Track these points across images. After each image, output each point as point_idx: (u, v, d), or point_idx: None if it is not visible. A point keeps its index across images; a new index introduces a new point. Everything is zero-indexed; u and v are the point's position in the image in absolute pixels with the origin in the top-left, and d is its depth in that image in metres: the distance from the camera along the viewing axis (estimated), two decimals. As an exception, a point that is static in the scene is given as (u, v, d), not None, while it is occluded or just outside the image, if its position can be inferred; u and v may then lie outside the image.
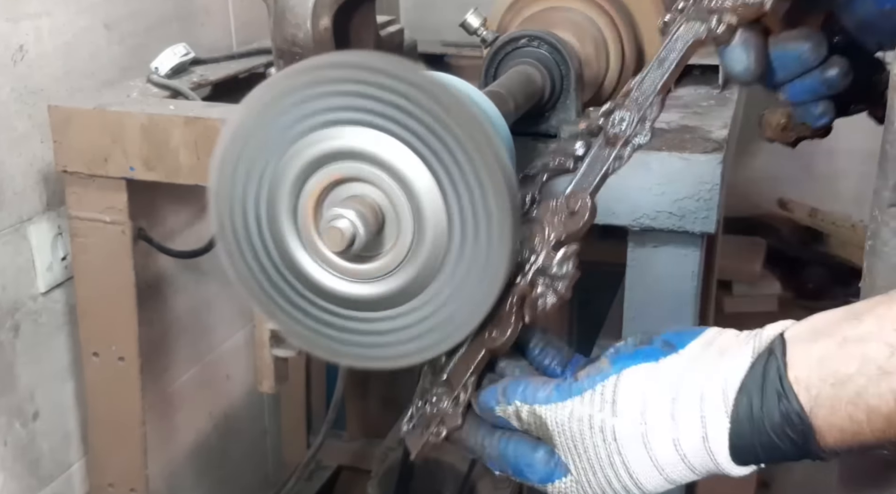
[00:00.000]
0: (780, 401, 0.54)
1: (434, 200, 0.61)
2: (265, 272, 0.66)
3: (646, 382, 0.59)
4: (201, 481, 1.85)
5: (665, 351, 0.60)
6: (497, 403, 0.64)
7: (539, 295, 0.65)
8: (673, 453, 0.57)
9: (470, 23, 1.21)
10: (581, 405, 0.60)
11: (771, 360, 0.56)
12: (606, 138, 0.69)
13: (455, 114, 0.59)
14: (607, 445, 0.59)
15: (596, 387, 0.60)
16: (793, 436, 0.54)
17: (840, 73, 0.73)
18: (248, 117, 0.63)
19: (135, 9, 1.50)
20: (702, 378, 0.57)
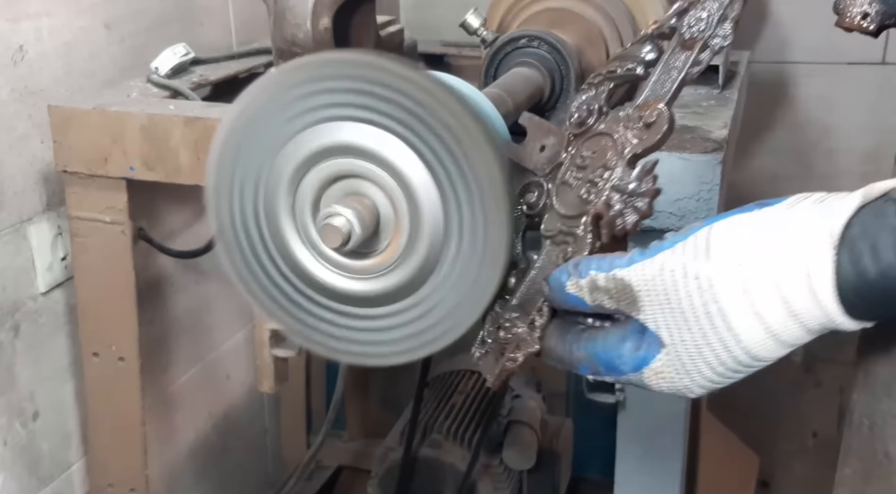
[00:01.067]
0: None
1: (431, 197, 0.61)
2: (265, 270, 0.66)
3: (740, 227, 0.54)
4: (201, 481, 1.85)
5: (757, 206, 0.55)
6: (568, 276, 0.59)
7: (617, 213, 0.60)
8: (775, 299, 0.52)
9: (470, 23, 1.21)
10: (672, 255, 0.55)
11: (889, 205, 0.51)
12: (682, 41, 0.63)
13: (453, 112, 0.59)
14: (702, 293, 0.53)
15: (687, 239, 0.55)
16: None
17: None
18: (244, 114, 0.63)
19: (135, 9, 1.50)
20: (804, 222, 0.52)
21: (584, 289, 0.58)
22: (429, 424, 1.73)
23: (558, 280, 0.60)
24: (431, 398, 1.81)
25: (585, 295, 0.59)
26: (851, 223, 0.51)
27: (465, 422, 1.74)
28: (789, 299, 0.51)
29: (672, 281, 0.54)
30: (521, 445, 1.71)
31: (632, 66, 0.65)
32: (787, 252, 0.51)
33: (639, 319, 0.57)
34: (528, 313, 0.64)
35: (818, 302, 0.51)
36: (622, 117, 0.63)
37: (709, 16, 0.63)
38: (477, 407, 1.78)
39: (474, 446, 1.69)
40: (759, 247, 0.52)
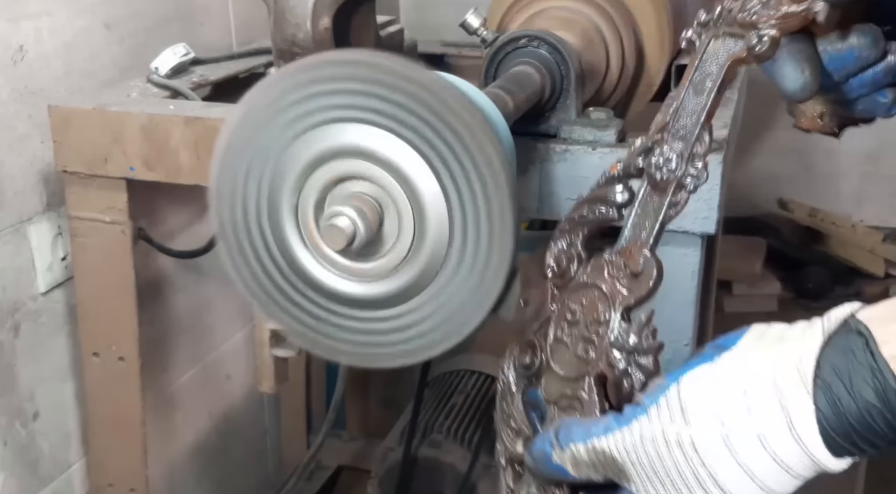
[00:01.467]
0: (875, 378, 0.49)
1: (435, 199, 0.61)
2: (266, 271, 0.66)
3: (708, 380, 0.54)
4: (201, 481, 1.85)
5: (717, 351, 0.55)
6: (551, 448, 0.58)
7: (622, 372, 0.58)
8: (761, 451, 0.52)
9: (470, 23, 1.21)
10: (649, 423, 0.54)
11: (853, 337, 0.51)
12: (653, 183, 0.62)
13: (457, 113, 0.59)
14: (688, 459, 0.53)
15: (659, 401, 0.55)
16: (888, 416, 0.49)
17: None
18: (248, 115, 0.63)
19: (135, 9, 1.50)
20: (769, 363, 0.52)
21: (568, 462, 0.57)
22: (429, 424, 1.73)
23: (542, 451, 0.59)
24: (431, 398, 1.81)
25: (569, 467, 0.57)
26: (820, 363, 0.51)
27: (465, 422, 1.74)
28: (776, 452, 0.51)
29: (655, 450, 0.54)
30: (521, 445, 1.71)
31: (604, 210, 0.64)
32: (764, 405, 0.51)
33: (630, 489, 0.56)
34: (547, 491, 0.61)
35: (805, 451, 0.51)
36: (605, 264, 0.61)
37: (677, 155, 0.61)
38: (477, 407, 1.78)
39: (474, 446, 1.69)
40: (735, 403, 0.52)
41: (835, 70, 0.66)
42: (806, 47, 0.64)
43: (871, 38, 0.64)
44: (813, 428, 0.50)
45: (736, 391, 0.52)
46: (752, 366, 0.53)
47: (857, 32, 0.64)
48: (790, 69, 0.64)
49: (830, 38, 0.64)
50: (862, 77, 0.66)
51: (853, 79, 0.66)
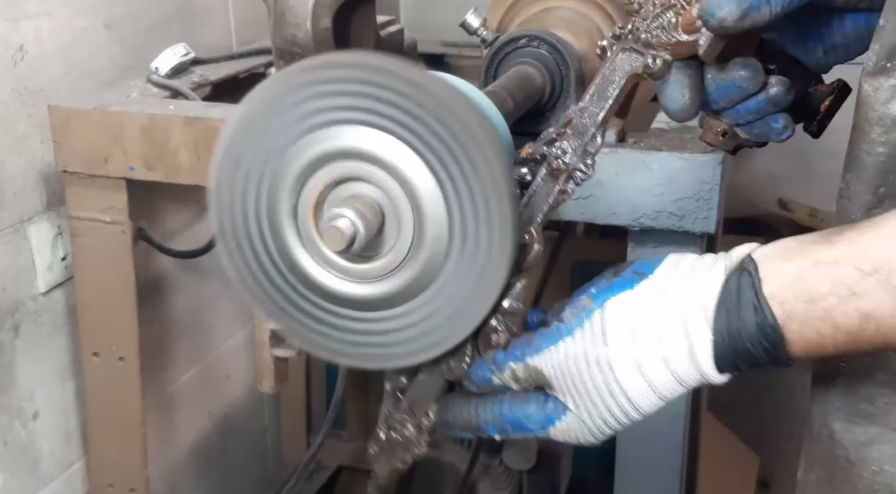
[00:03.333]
0: (757, 314, 0.59)
1: (435, 200, 0.61)
2: (265, 272, 0.66)
3: (628, 308, 0.62)
4: (201, 481, 1.85)
5: (637, 278, 0.63)
6: (491, 373, 0.66)
7: (492, 329, 0.65)
8: (664, 371, 0.61)
9: (470, 23, 1.21)
10: (573, 343, 0.62)
11: (744, 277, 0.60)
12: (550, 170, 0.68)
13: (456, 114, 0.59)
14: (604, 375, 0.61)
15: (584, 324, 0.62)
16: (766, 346, 0.59)
17: (784, 90, 0.72)
18: (248, 116, 0.63)
19: (135, 9, 1.50)
20: (680, 297, 0.61)
21: (509, 380, 0.65)
22: (429, 424, 1.73)
23: (483, 377, 0.66)
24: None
25: (511, 384, 0.66)
26: (720, 299, 0.60)
27: (465, 422, 1.74)
28: (676, 371, 0.61)
29: (577, 367, 0.62)
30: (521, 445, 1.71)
31: None
32: (673, 334, 0.60)
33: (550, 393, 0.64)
34: (416, 415, 0.68)
35: (699, 370, 0.61)
36: None
37: (573, 150, 0.68)
38: (477, 407, 1.78)
39: (474, 446, 1.69)
40: (647, 328, 0.61)
41: (720, 97, 0.72)
42: (693, 73, 0.71)
43: (752, 70, 0.70)
44: (708, 354, 0.60)
45: (651, 320, 0.61)
46: (666, 298, 0.61)
47: (739, 65, 0.70)
48: (674, 91, 0.70)
49: (717, 68, 0.71)
50: (747, 104, 0.73)
51: (740, 105, 0.73)
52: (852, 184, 0.67)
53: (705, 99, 0.72)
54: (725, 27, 0.63)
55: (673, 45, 0.68)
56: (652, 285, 0.62)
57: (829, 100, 0.76)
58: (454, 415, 0.68)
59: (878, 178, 0.64)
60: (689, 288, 0.61)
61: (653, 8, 0.69)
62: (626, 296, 0.62)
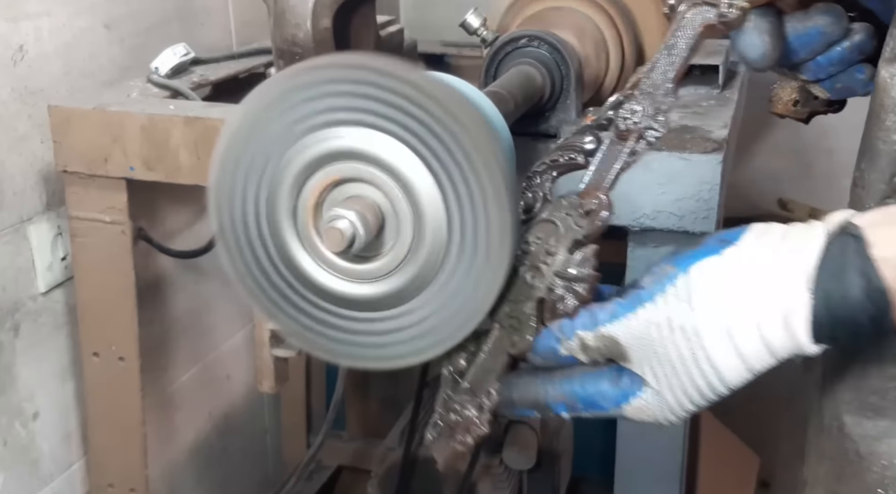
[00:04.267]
0: (863, 277, 0.55)
1: (434, 201, 0.61)
2: (265, 272, 0.66)
3: (717, 272, 0.58)
4: (201, 481, 1.85)
5: (724, 245, 0.59)
6: (557, 342, 0.62)
7: (558, 297, 0.63)
8: (757, 338, 0.57)
9: (470, 23, 1.21)
10: (655, 309, 0.59)
11: (848, 240, 0.56)
12: (618, 132, 0.66)
13: (455, 115, 0.59)
14: (689, 343, 0.57)
15: (667, 289, 0.59)
16: (872, 312, 0.55)
17: (867, 36, 0.68)
18: (247, 117, 0.63)
19: (135, 9, 1.50)
20: (775, 262, 0.57)
21: (577, 350, 0.61)
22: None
23: (548, 347, 0.63)
24: (431, 398, 1.81)
25: (578, 354, 0.62)
26: (820, 263, 0.56)
27: (465, 422, 1.73)
28: (769, 339, 0.56)
29: (659, 335, 0.58)
30: (521, 445, 1.71)
31: (573, 156, 0.68)
32: (766, 296, 0.56)
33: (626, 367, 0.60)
34: (477, 396, 0.65)
35: (794, 339, 0.56)
36: (565, 205, 0.65)
37: (643, 109, 0.66)
38: (477, 407, 1.77)
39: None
40: (738, 293, 0.57)
41: (801, 46, 0.69)
42: (772, 21, 0.67)
43: (834, 16, 0.67)
44: (806, 320, 0.56)
45: (742, 284, 0.56)
46: (759, 263, 0.57)
47: (820, 11, 0.67)
48: (753, 38, 0.67)
49: (797, 16, 0.68)
50: (829, 55, 0.69)
51: (821, 57, 0.69)
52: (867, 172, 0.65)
53: (785, 50, 0.68)
54: None
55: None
56: (741, 251, 0.58)
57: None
58: (520, 393, 0.64)
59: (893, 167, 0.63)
60: (785, 252, 0.57)
61: None
62: (714, 261, 0.58)
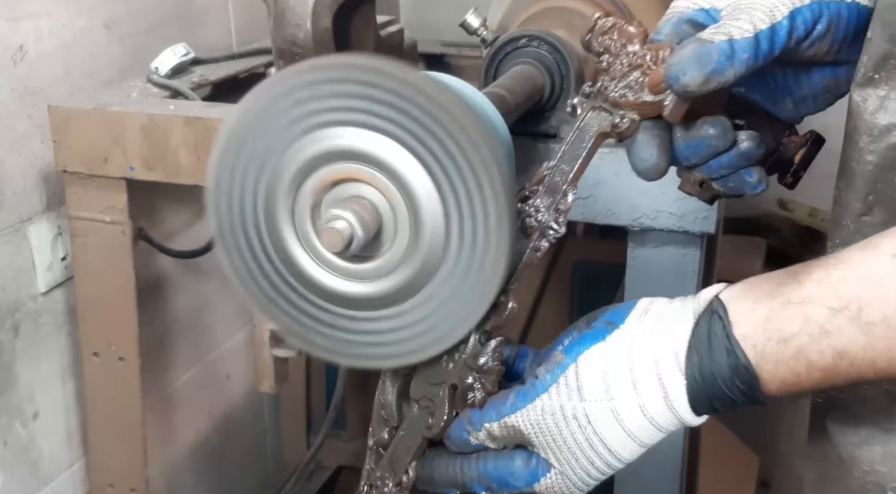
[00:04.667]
0: (729, 356, 0.59)
1: (431, 201, 0.61)
2: (264, 272, 0.66)
3: (601, 360, 0.62)
4: (201, 481, 1.85)
5: (609, 329, 0.64)
6: (468, 433, 0.66)
7: (468, 386, 0.66)
8: (641, 418, 0.62)
9: (470, 23, 1.21)
10: (549, 399, 0.63)
11: (714, 319, 0.61)
12: (522, 227, 0.68)
13: (454, 116, 0.59)
14: (583, 429, 0.62)
15: (559, 379, 0.63)
16: (741, 387, 0.60)
17: (754, 145, 0.70)
18: (245, 117, 0.63)
19: (135, 9, 1.50)
20: (651, 344, 0.61)
21: (486, 439, 0.66)
22: (429, 424, 1.73)
23: (461, 437, 0.67)
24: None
25: (489, 442, 0.66)
26: (691, 343, 0.61)
27: (465, 422, 1.73)
28: (654, 418, 0.62)
29: (555, 423, 0.63)
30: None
31: None
32: (646, 380, 0.61)
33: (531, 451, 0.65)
34: (397, 472, 0.69)
35: (677, 415, 0.61)
36: None
37: (545, 208, 0.68)
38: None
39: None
40: (621, 377, 0.62)
41: (691, 155, 0.70)
42: (661, 133, 0.69)
43: (720, 129, 0.69)
44: (683, 398, 0.61)
45: (623, 369, 0.62)
46: (637, 347, 0.62)
47: (707, 124, 0.69)
48: (642, 151, 0.69)
49: (685, 126, 0.69)
50: (719, 160, 0.71)
51: (712, 161, 0.71)
52: (843, 191, 0.67)
53: (675, 156, 0.71)
54: (689, 91, 0.62)
55: (640, 105, 0.67)
56: (623, 334, 0.63)
57: (802, 151, 0.75)
58: (439, 472, 0.68)
59: (867, 187, 0.65)
60: (660, 333, 0.62)
61: (621, 67, 0.68)
62: (599, 348, 0.63)
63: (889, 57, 0.62)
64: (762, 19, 0.63)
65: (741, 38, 0.62)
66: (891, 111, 0.63)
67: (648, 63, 0.67)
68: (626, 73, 0.68)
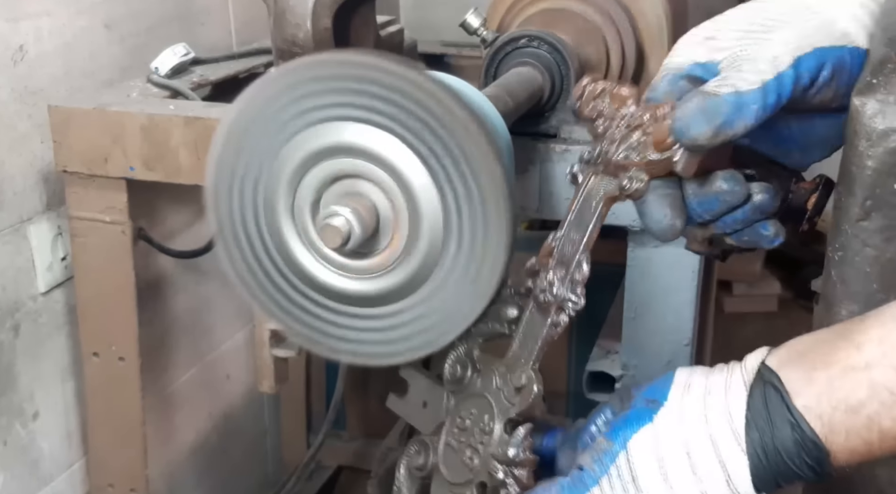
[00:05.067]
0: (794, 431, 0.55)
1: (431, 198, 0.61)
2: (264, 270, 0.66)
3: (654, 445, 0.58)
4: (201, 481, 1.85)
5: (653, 408, 0.59)
6: None
7: (500, 482, 0.62)
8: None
9: (470, 23, 1.21)
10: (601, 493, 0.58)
11: (769, 390, 0.56)
12: (538, 304, 0.66)
13: (454, 113, 0.59)
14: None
15: (610, 470, 0.58)
16: (809, 462, 0.55)
17: (769, 198, 0.69)
18: (244, 114, 0.63)
19: (135, 9, 1.50)
20: (705, 423, 0.57)
21: None
22: (429, 424, 1.73)
23: None
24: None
25: None
26: (748, 418, 0.56)
27: (465, 422, 1.73)
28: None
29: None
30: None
31: (497, 325, 0.68)
32: (706, 464, 0.56)
33: None
34: None
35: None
36: (496, 380, 0.65)
37: (559, 281, 0.65)
38: (477, 407, 1.77)
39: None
40: (678, 463, 0.57)
41: (704, 212, 0.69)
42: (672, 192, 0.67)
43: (734, 183, 0.67)
44: (747, 480, 0.56)
45: (680, 453, 0.57)
46: (690, 426, 0.57)
47: (720, 179, 0.67)
48: (655, 211, 0.67)
49: (697, 182, 0.67)
50: (733, 215, 0.69)
51: (726, 216, 0.69)
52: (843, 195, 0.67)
53: (690, 214, 0.69)
54: (699, 145, 0.61)
55: (646, 165, 0.64)
56: (671, 413, 0.58)
57: (814, 196, 0.73)
58: None
59: (866, 192, 0.65)
60: (712, 409, 0.57)
61: (618, 130, 0.67)
62: (648, 431, 0.58)
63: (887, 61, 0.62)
64: (766, 70, 0.61)
65: (748, 90, 0.60)
66: (889, 116, 0.62)
67: (648, 122, 0.65)
68: (626, 135, 0.66)
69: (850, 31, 0.65)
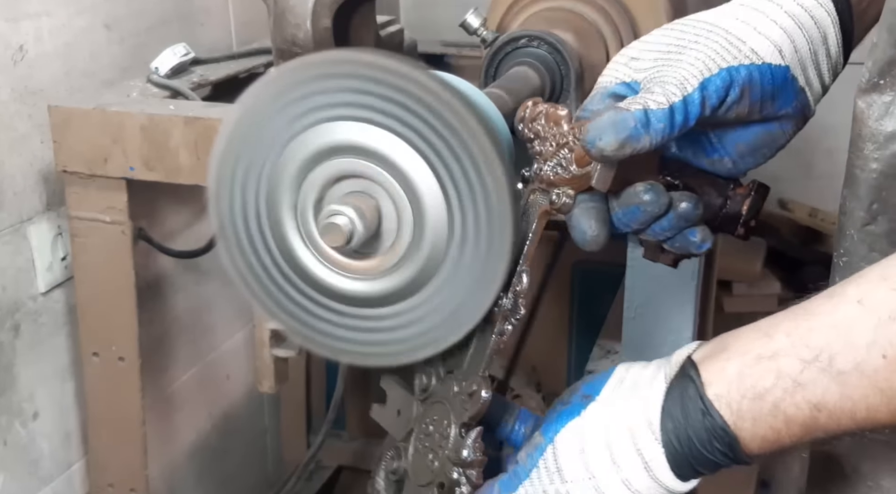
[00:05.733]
0: (705, 418, 0.58)
1: (434, 198, 0.61)
2: (265, 269, 0.66)
3: (578, 439, 0.61)
4: (201, 481, 1.85)
5: (584, 403, 0.62)
6: None
7: (455, 482, 0.65)
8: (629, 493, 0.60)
9: (470, 23, 1.21)
10: (532, 486, 0.62)
11: (686, 382, 0.59)
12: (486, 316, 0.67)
13: (457, 112, 0.59)
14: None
15: (538, 464, 0.62)
16: (721, 448, 0.58)
17: (691, 206, 0.70)
18: (246, 113, 0.63)
19: (135, 9, 1.50)
20: (624, 415, 0.60)
21: None
22: (429, 424, 1.73)
23: None
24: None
25: None
26: (664, 408, 0.59)
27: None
28: (640, 490, 0.59)
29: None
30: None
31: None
32: (625, 454, 0.59)
33: None
34: None
35: (662, 484, 0.59)
36: (454, 387, 0.68)
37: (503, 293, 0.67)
38: (477, 407, 1.77)
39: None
40: (599, 454, 0.60)
41: (629, 222, 0.71)
42: (597, 205, 0.70)
43: (653, 193, 0.69)
44: (664, 467, 0.59)
45: (600, 444, 0.60)
46: (612, 419, 0.60)
47: (640, 190, 0.69)
48: (581, 223, 0.69)
49: (619, 195, 0.70)
50: (659, 224, 0.71)
51: (654, 225, 0.71)
52: (848, 199, 0.67)
53: (615, 225, 0.71)
54: (606, 156, 0.63)
55: (571, 180, 0.68)
56: (599, 407, 0.61)
57: (748, 201, 0.74)
58: None
59: (871, 195, 0.65)
60: (633, 402, 0.60)
61: (550, 148, 0.70)
62: (575, 425, 0.61)
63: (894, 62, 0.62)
64: (674, 92, 0.64)
65: (656, 109, 0.63)
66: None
67: (573, 139, 0.68)
68: (555, 152, 0.69)
69: (758, 49, 0.67)
